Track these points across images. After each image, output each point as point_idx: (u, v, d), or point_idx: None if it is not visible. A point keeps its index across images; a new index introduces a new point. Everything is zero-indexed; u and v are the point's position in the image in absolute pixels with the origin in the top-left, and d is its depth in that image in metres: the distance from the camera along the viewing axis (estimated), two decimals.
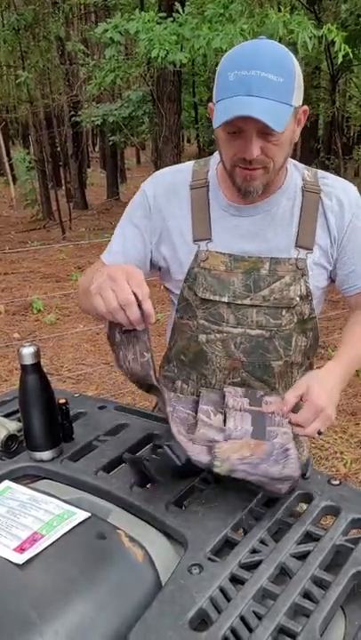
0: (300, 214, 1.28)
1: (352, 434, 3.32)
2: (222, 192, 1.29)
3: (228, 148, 1.16)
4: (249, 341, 1.31)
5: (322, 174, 1.32)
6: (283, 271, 1.27)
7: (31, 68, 9.54)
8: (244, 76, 1.06)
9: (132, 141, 11.14)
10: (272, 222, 1.28)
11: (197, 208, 1.30)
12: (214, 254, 1.28)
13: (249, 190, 1.20)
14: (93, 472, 1.10)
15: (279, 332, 1.30)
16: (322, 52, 8.69)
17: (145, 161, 21.89)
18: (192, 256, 1.30)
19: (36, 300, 5.84)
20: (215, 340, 1.32)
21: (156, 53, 5.21)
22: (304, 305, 1.30)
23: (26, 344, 1.11)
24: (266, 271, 1.27)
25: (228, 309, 1.29)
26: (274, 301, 1.28)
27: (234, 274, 1.28)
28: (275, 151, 1.14)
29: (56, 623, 0.77)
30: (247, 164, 1.15)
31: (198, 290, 1.29)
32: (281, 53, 1.10)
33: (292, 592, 0.82)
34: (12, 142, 22.93)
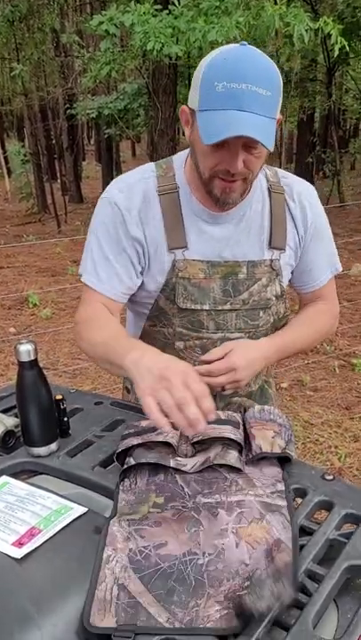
0: (271, 216, 1.28)
1: (346, 428, 3.34)
2: (195, 197, 1.25)
3: (210, 159, 1.13)
4: None
5: (282, 174, 1.33)
6: (260, 273, 1.27)
7: (26, 60, 9.48)
8: (235, 90, 1.02)
9: (128, 134, 11.09)
10: (246, 226, 1.27)
11: (169, 215, 1.25)
12: (192, 262, 1.25)
13: (228, 202, 1.19)
14: (90, 467, 1.12)
15: (257, 333, 1.31)
16: (318, 45, 8.69)
17: (140, 154, 21.81)
18: (168, 265, 1.25)
19: (32, 294, 5.84)
20: (194, 347, 1.31)
21: (152, 46, 5.19)
22: (279, 304, 1.32)
23: (23, 341, 1.12)
24: (244, 275, 1.27)
25: (208, 316, 1.28)
26: (253, 304, 1.28)
27: (212, 280, 1.26)
28: (255, 163, 1.13)
29: (54, 617, 0.79)
30: (229, 175, 1.13)
31: (178, 300, 1.26)
32: (268, 65, 1.07)
33: None
34: (6, 135, 22.80)
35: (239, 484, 1.03)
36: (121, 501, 1.01)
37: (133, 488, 1.04)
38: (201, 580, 0.84)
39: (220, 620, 0.78)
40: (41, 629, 0.77)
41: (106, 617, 0.79)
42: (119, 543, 0.91)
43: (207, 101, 1.07)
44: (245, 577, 0.84)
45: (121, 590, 0.83)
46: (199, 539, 0.91)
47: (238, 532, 0.91)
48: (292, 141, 16.62)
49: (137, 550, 0.89)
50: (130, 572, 0.85)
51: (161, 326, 1.33)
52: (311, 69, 10.90)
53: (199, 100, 1.09)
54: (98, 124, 13.13)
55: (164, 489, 1.03)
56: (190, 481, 1.04)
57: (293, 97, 10.46)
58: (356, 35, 8.18)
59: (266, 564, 0.85)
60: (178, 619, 0.78)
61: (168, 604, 0.80)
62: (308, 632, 0.75)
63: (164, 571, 0.86)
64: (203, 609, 0.79)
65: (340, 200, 10.21)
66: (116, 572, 0.85)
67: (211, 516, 0.95)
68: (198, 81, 1.09)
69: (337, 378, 3.98)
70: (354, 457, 3.05)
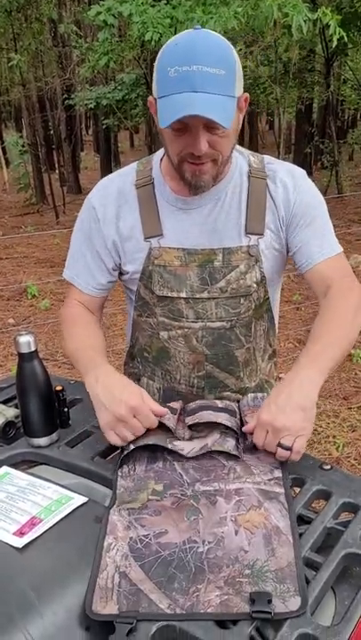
0: (248, 200, 1.27)
1: (344, 418, 3.36)
2: (168, 187, 1.28)
3: (175, 145, 1.14)
4: (211, 334, 1.30)
5: (268, 160, 1.32)
6: (237, 260, 1.27)
7: (23, 50, 9.42)
8: (186, 72, 1.03)
9: (126, 125, 11.05)
10: (221, 211, 1.27)
11: (145, 206, 1.28)
12: (167, 250, 1.27)
13: (200, 185, 1.18)
14: (90, 457, 1.12)
15: (239, 321, 1.31)
16: (316, 36, 8.63)
17: (138, 144, 21.73)
18: (144, 254, 1.28)
19: (31, 285, 5.83)
20: (177, 336, 1.32)
21: (150, 36, 5.16)
22: (260, 290, 1.31)
23: (23, 332, 1.12)
24: (220, 262, 1.26)
25: (186, 305, 1.29)
26: (231, 291, 1.28)
27: (189, 268, 1.27)
28: (222, 143, 1.13)
29: (55, 605, 0.80)
30: (196, 158, 1.13)
31: (155, 287, 1.28)
32: (219, 44, 1.07)
33: None
34: (4, 125, 22.68)
35: (237, 472, 1.04)
36: (120, 488, 1.02)
37: (132, 474, 1.05)
38: (201, 566, 0.85)
39: (221, 605, 0.79)
40: (42, 617, 0.78)
41: (108, 604, 0.80)
42: (119, 532, 0.92)
43: (163, 87, 1.08)
44: (245, 563, 0.85)
45: (122, 578, 0.84)
46: (198, 527, 0.92)
47: (237, 520, 0.93)
48: (290, 132, 16.55)
49: (137, 539, 0.90)
50: (130, 560, 0.87)
51: (146, 316, 1.35)
52: (309, 60, 10.83)
53: (157, 88, 1.10)
54: (96, 114, 13.08)
55: (162, 476, 1.04)
56: (189, 469, 1.06)
57: (292, 87, 10.40)
58: (355, 25, 8.13)
59: (265, 551, 0.86)
60: (179, 605, 0.80)
61: (169, 590, 0.82)
62: (306, 619, 0.76)
63: (165, 558, 0.87)
64: (203, 594, 0.81)
65: (339, 191, 10.18)
66: (117, 560, 0.87)
67: (210, 505, 0.96)
68: (155, 70, 1.11)
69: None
70: (351, 446, 3.07)
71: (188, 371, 1.35)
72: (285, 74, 9.62)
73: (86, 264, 1.35)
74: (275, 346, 1.47)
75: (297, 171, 1.32)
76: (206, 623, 0.77)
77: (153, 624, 0.77)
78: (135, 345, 1.44)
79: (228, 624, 0.78)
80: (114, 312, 4.75)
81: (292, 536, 0.89)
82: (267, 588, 0.81)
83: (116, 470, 1.06)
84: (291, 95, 10.74)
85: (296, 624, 0.76)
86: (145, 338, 1.38)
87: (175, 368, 1.36)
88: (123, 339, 4.22)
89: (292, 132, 16.03)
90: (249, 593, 0.80)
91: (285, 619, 0.77)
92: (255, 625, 0.77)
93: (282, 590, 0.80)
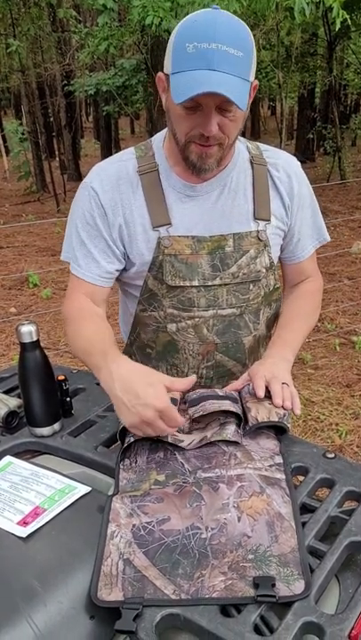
0: (253, 187, 1.27)
1: (347, 406, 3.36)
2: (175, 173, 1.25)
3: (185, 124, 1.11)
4: (221, 322, 1.30)
5: (263, 147, 1.33)
6: (247, 245, 1.26)
7: (22, 35, 9.33)
8: (205, 49, 1.01)
9: (127, 111, 10.96)
10: (228, 197, 1.26)
11: (151, 193, 1.24)
12: (177, 239, 1.24)
13: (204, 168, 1.17)
14: (93, 447, 1.12)
15: (248, 307, 1.31)
16: (319, 19, 8.53)
17: (139, 131, 21.60)
18: (154, 244, 1.25)
19: (32, 274, 5.82)
20: (186, 327, 1.30)
21: (150, 20, 5.10)
22: (269, 276, 1.31)
23: (25, 322, 1.12)
24: (231, 248, 1.25)
25: (198, 293, 1.27)
26: (242, 277, 1.27)
27: (200, 256, 1.25)
28: (230, 127, 1.12)
29: (59, 594, 0.80)
30: (204, 140, 1.11)
31: (167, 277, 1.25)
32: (239, 27, 1.06)
33: None
34: (3, 113, 22.57)
35: (238, 458, 1.04)
36: (122, 480, 1.02)
37: (134, 467, 1.05)
38: (205, 552, 0.85)
39: (225, 590, 0.79)
40: (47, 606, 0.78)
41: (113, 591, 0.80)
42: (122, 519, 0.92)
43: (178, 63, 1.06)
44: (248, 548, 0.85)
45: (126, 565, 0.84)
46: (201, 513, 0.92)
47: (239, 506, 0.93)
48: (292, 117, 16.44)
49: (140, 526, 0.91)
50: (134, 547, 0.87)
51: (152, 310, 1.31)
52: (312, 44, 10.73)
53: (172, 64, 1.08)
54: (96, 100, 13.00)
55: (164, 466, 1.04)
56: (190, 457, 1.06)
57: (294, 72, 10.31)
58: (358, 8, 8.03)
59: (268, 537, 0.87)
60: (184, 590, 0.80)
61: (173, 576, 0.82)
62: (310, 607, 0.77)
63: (168, 545, 0.87)
64: (208, 579, 0.81)
65: (341, 177, 10.12)
66: (121, 547, 0.87)
67: (212, 491, 0.96)
68: (171, 45, 1.08)
69: (338, 356, 3.99)
70: (354, 434, 3.07)
71: (198, 362, 1.33)
72: (288, 58, 9.53)
73: (89, 252, 1.28)
74: (272, 331, 1.46)
75: (294, 160, 1.34)
76: (210, 612, 0.77)
77: (157, 613, 0.77)
78: (134, 342, 1.40)
79: (232, 612, 0.78)
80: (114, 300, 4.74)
81: (294, 522, 0.89)
82: (270, 573, 0.81)
83: (118, 463, 1.06)
84: (293, 80, 10.65)
85: (300, 612, 0.76)
86: (148, 333, 1.35)
87: (183, 361, 1.33)
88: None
89: (294, 117, 15.92)
90: (253, 577, 0.80)
91: (290, 604, 0.77)
92: (259, 613, 0.77)
93: (286, 574, 0.81)
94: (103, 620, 0.79)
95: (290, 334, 1.32)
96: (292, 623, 0.74)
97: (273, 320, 1.42)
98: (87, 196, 1.27)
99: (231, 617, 0.77)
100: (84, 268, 1.29)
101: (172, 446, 1.09)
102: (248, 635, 0.73)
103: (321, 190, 1.92)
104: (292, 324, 1.36)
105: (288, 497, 0.94)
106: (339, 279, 5.18)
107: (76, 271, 1.30)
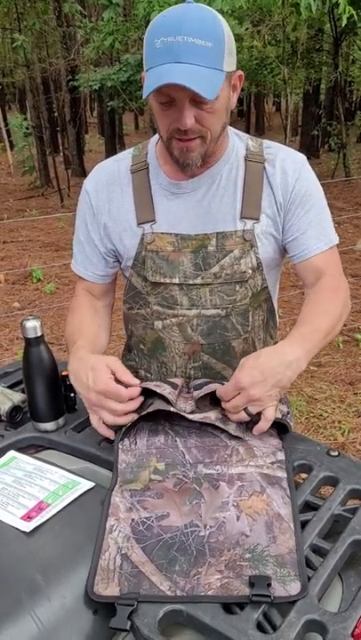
0: (244, 184, 1.24)
1: (350, 403, 3.36)
2: (163, 171, 1.26)
3: (163, 119, 1.12)
4: (205, 322, 1.28)
5: (267, 144, 1.29)
6: (231, 245, 1.24)
7: (27, 30, 9.32)
8: (171, 43, 1.01)
9: (131, 106, 10.93)
10: (216, 194, 1.24)
11: (139, 191, 1.27)
12: (160, 235, 1.25)
13: (187, 163, 1.16)
14: (97, 442, 1.13)
15: (235, 309, 1.28)
16: (325, 15, 8.49)
17: (143, 127, 21.56)
18: (137, 240, 1.27)
19: (36, 269, 5.83)
20: (171, 325, 1.30)
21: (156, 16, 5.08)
22: (256, 276, 1.28)
23: (29, 317, 1.12)
24: (213, 247, 1.24)
25: (180, 291, 1.27)
26: (226, 277, 1.25)
27: (182, 254, 1.25)
28: (210, 119, 1.10)
29: (62, 588, 0.80)
30: (182, 134, 1.11)
31: (148, 273, 1.26)
32: (208, 17, 1.05)
33: None
34: (8, 107, 22.54)
35: (240, 453, 1.04)
36: (121, 463, 1.02)
37: (133, 449, 1.06)
38: (202, 550, 0.86)
39: (221, 588, 0.80)
40: (50, 600, 0.78)
41: (109, 586, 0.81)
42: (121, 513, 0.92)
43: (149, 60, 1.06)
44: (246, 547, 0.85)
45: (124, 560, 0.84)
46: (200, 511, 0.92)
47: (239, 505, 0.93)
48: (297, 114, 16.39)
49: (139, 521, 0.91)
50: (132, 542, 0.87)
51: (138, 308, 1.33)
52: (318, 39, 10.67)
53: (145, 61, 1.08)
54: (100, 96, 12.96)
55: (165, 454, 1.04)
56: (191, 447, 1.06)
57: (299, 68, 10.26)
58: None
59: (266, 537, 0.87)
60: (180, 587, 0.80)
61: (170, 573, 0.82)
62: (313, 604, 0.77)
63: (166, 541, 0.87)
64: (204, 577, 0.81)
65: (346, 174, 10.09)
66: (119, 541, 0.87)
67: (212, 489, 0.97)
68: (144, 42, 1.09)
69: (341, 353, 3.99)
70: (357, 432, 3.07)
71: (185, 361, 1.32)
72: (293, 54, 9.50)
73: (84, 251, 1.36)
74: (276, 338, 1.44)
75: (298, 156, 1.29)
76: (213, 608, 0.77)
77: (160, 609, 0.77)
78: (131, 337, 1.43)
79: (235, 609, 0.78)
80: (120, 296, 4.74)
81: (293, 523, 0.89)
82: (267, 572, 0.81)
83: (117, 443, 1.07)
84: (298, 76, 10.61)
85: (303, 610, 0.76)
86: (139, 330, 1.36)
87: (171, 359, 1.33)
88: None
89: (299, 113, 15.87)
90: (249, 576, 0.80)
91: (293, 605, 0.77)
92: (262, 610, 0.77)
93: (282, 574, 0.81)
94: (106, 614, 0.79)
95: (303, 329, 1.16)
96: (295, 621, 0.74)
97: (270, 323, 1.39)
98: (82, 196, 1.34)
99: (234, 614, 0.77)
100: (79, 264, 1.38)
101: (174, 430, 1.09)
102: (251, 632, 0.73)
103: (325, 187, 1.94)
104: (307, 319, 1.20)
105: (288, 497, 0.94)
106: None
107: (73, 267, 1.40)
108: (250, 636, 0.73)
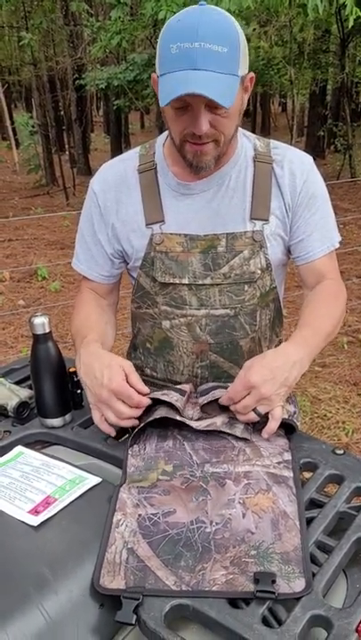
0: (253, 185, 1.25)
1: (354, 404, 3.36)
2: (171, 172, 1.26)
3: (177, 124, 1.12)
4: (214, 322, 1.29)
5: (274, 144, 1.29)
6: (240, 246, 1.24)
7: (35, 28, 9.33)
8: (187, 49, 1.00)
9: (137, 105, 10.94)
10: (225, 195, 1.25)
11: (147, 191, 1.27)
12: (169, 236, 1.25)
13: (201, 166, 1.16)
14: (103, 439, 1.13)
15: (243, 309, 1.29)
16: (332, 15, 8.47)
17: (149, 126, 21.57)
18: (146, 241, 1.27)
19: (41, 267, 5.84)
20: (180, 325, 1.30)
21: (163, 15, 5.08)
22: (265, 277, 1.28)
23: (38, 314, 1.13)
24: (223, 248, 1.24)
25: (189, 291, 1.27)
26: (235, 277, 1.25)
27: (191, 254, 1.25)
28: (224, 123, 1.11)
29: (69, 582, 0.81)
30: (197, 138, 1.11)
31: (157, 274, 1.27)
32: (223, 21, 1.05)
33: None
34: (14, 106, 22.57)
35: (247, 454, 1.05)
36: (130, 467, 1.03)
37: (142, 454, 1.06)
38: (208, 546, 0.86)
39: (226, 583, 0.80)
40: (57, 594, 0.79)
41: (115, 579, 0.82)
42: (128, 508, 0.93)
43: (164, 65, 1.05)
44: (251, 544, 0.86)
45: (130, 554, 0.85)
46: (207, 507, 0.93)
47: (245, 503, 0.93)
48: (303, 114, 16.37)
49: (146, 516, 0.92)
50: (139, 537, 0.88)
51: (146, 307, 1.33)
52: (324, 40, 10.66)
53: (159, 66, 1.08)
54: (107, 94, 12.97)
55: (172, 456, 1.05)
56: (199, 449, 1.06)
57: (306, 69, 10.26)
58: None
59: (272, 535, 0.87)
60: (185, 582, 0.81)
61: (175, 568, 0.83)
62: (318, 600, 0.77)
63: (172, 537, 0.88)
64: (209, 573, 0.82)
65: (352, 175, 10.08)
66: (126, 536, 0.88)
67: (218, 486, 0.97)
68: (158, 47, 1.08)
69: (345, 354, 3.99)
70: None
71: (192, 360, 1.33)
72: (300, 55, 9.49)
73: (90, 251, 1.35)
74: (281, 336, 1.45)
75: (305, 157, 1.29)
76: (219, 603, 0.78)
77: (166, 603, 0.78)
78: (137, 336, 1.43)
79: (240, 604, 0.79)
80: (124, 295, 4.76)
81: (299, 521, 0.90)
82: (272, 569, 0.82)
83: (127, 449, 1.07)
84: (305, 76, 10.60)
85: (308, 605, 0.76)
86: (146, 328, 1.36)
87: (178, 358, 1.33)
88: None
89: (305, 114, 15.85)
90: (253, 573, 0.81)
91: (298, 601, 0.77)
92: (268, 605, 0.78)
93: (287, 571, 0.81)
94: (112, 608, 0.80)
95: (306, 332, 1.19)
96: (300, 616, 0.75)
97: (276, 322, 1.39)
98: (89, 195, 1.34)
99: (240, 609, 0.78)
100: (84, 264, 1.37)
101: (182, 434, 1.10)
102: (256, 626, 0.74)
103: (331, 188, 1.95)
104: (309, 321, 1.24)
105: (294, 496, 0.95)
106: (347, 277, 5.16)
107: (77, 266, 1.39)
108: (255, 630, 0.73)
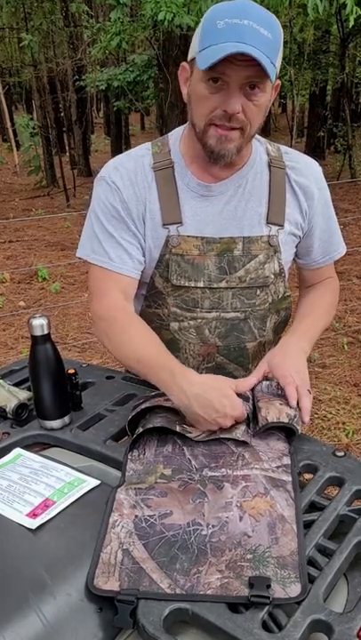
0: (269, 189, 1.24)
1: (355, 405, 3.35)
2: (190, 172, 1.23)
3: (206, 104, 1.08)
4: (224, 325, 1.28)
5: (285, 150, 1.30)
6: (256, 250, 1.24)
7: (35, 30, 9.33)
8: (236, 24, 1.00)
9: (137, 107, 10.93)
10: (242, 198, 1.24)
11: (165, 190, 1.22)
12: (186, 239, 1.22)
13: (222, 154, 1.13)
14: (102, 441, 1.13)
15: (253, 313, 1.28)
16: (332, 16, 8.47)
17: (150, 127, 21.57)
18: (162, 241, 1.23)
19: (42, 268, 5.84)
20: (188, 327, 1.29)
21: (163, 16, 5.09)
22: (278, 282, 1.29)
23: (36, 315, 1.12)
24: (239, 251, 1.23)
25: (202, 294, 1.25)
26: (250, 281, 1.25)
27: (207, 257, 1.23)
28: (253, 113, 1.09)
29: (67, 586, 0.80)
30: (226, 120, 1.08)
31: (172, 277, 1.24)
32: (269, 14, 1.05)
33: None
34: (14, 107, 22.58)
35: (246, 458, 1.04)
36: (129, 470, 1.03)
37: (142, 458, 1.06)
38: (204, 549, 0.86)
39: (220, 587, 0.79)
40: (55, 597, 0.78)
41: (110, 580, 0.81)
42: (125, 509, 0.93)
43: (208, 39, 1.04)
44: (247, 548, 0.85)
45: (125, 555, 0.85)
46: (203, 510, 0.93)
47: (242, 506, 0.93)
48: (303, 115, 16.35)
49: (142, 518, 0.91)
50: (134, 539, 0.87)
51: (156, 307, 1.31)
52: (324, 41, 10.66)
53: (200, 42, 1.06)
54: (107, 96, 12.98)
55: (171, 461, 1.04)
56: (198, 455, 1.06)
57: (306, 69, 10.26)
58: None
59: (269, 539, 0.86)
60: (179, 585, 0.80)
61: (170, 570, 0.82)
62: (318, 604, 0.76)
63: (168, 539, 0.87)
64: (204, 576, 0.81)
65: (352, 175, 10.07)
66: (122, 536, 0.87)
67: (216, 489, 0.97)
68: (199, 28, 1.07)
69: (346, 355, 3.98)
70: None
71: (198, 362, 1.32)
72: (300, 55, 9.49)
73: (119, 244, 1.24)
74: (280, 335, 1.45)
75: (316, 165, 1.31)
76: (219, 607, 0.77)
77: (165, 607, 0.77)
78: None
79: (240, 609, 0.78)
80: None
81: (296, 525, 0.89)
82: (267, 573, 0.81)
83: (126, 454, 1.07)
84: (305, 77, 10.60)
85: (309, 610, 0.76)
86: (153, 329, 1.34)
87: (183, 360, 1.32)
88: None
89: (305, 115, 15.83)
90: (248, 577, 0.80)
91: (298, 605, 0.77)
92: (268, 610, 0.77)
93: (282, 576, 0.80)
94: (111, 612, 0.79)
95: (309, 325, 1.29)
96: (300, 621, 0.74)
97: (282, 326, 1.40)
98: (109, 190, 1.24)
99: (240, 613, 0.77)
100: (116, 261, 1.25)
101: (182, 439, 1.09)
102: (256, 631, 0.73)
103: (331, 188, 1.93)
104: (313, 315, 1.33)
105: (292, 500, 0.94)
106: (348, 278, 5.16)
107: (109, 265, 1.25)
108: (255, 635, 0.73)
